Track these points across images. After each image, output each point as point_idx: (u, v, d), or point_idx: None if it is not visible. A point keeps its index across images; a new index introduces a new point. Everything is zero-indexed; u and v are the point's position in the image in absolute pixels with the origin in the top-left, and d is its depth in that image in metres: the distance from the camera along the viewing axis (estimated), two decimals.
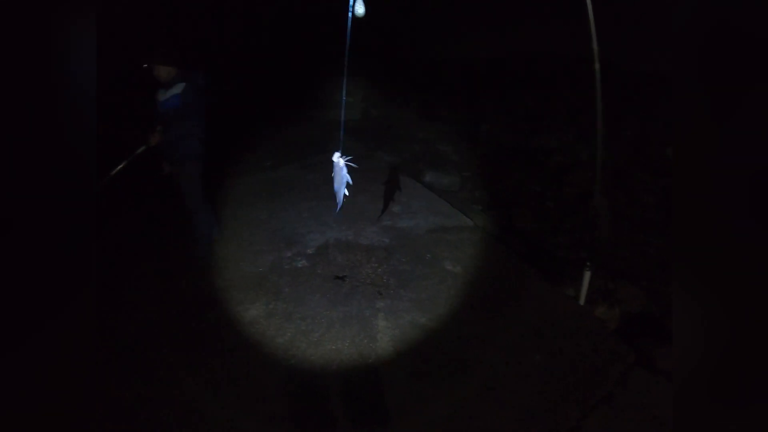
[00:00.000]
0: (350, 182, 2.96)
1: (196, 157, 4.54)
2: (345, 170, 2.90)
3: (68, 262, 1.47)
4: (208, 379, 3.51)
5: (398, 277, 4.49)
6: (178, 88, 4.29)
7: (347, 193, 3.01)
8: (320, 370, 3.53)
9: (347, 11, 2.55)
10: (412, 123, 9.40)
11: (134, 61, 4.36)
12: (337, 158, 2.88)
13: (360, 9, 2.59)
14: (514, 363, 3.51)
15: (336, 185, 2.98)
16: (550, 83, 10.79)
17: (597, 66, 3.46)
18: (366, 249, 4.95)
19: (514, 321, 3.91)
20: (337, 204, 3.07)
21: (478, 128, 9.13)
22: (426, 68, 12.96)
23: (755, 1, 1.40)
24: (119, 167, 4.47)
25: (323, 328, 3.91)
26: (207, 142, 4.58)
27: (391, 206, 5.78)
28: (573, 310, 4.01)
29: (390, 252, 4.87)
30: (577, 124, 8.43)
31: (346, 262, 4.77)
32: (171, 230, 5.31)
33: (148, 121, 4.51)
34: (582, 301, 4.04)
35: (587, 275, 3.97)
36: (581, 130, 8.18)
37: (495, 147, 8.24)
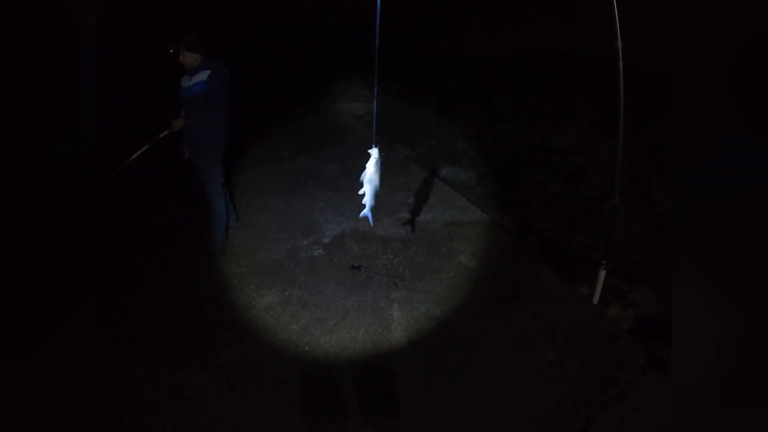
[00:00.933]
0: (378, 187, 2.95)
1: (216, 144, 4.59)
2: (378, 167, 2.89)
3: (70, 254, 1.48)
4: (222, 363, 3.57)
5: (414, 269, 4.52)
6: (202, 76, 4.33)
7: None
8: (334, 358, 3.58)
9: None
10: (429, 118, 9.39)
11: (162, 47, 4.43)
12: (374, 152, 2.87)
13: None
14: (526, 359, 3.53)
15: (366, 188, 2.97)
16: (570, 82, 10.72)
17: (620, 64, 3.43)
18: (382, 240, 4.98)
19: (528, 318, 3.92)
20: (365, 205, 3.07)
21: (496, 125, 9.10)
22: (444, 65, 12.92)
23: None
24: (141, 150, 4.54)
25: (338, 317, 3.96)
26: (228, 129, 4.63)
27: (408, 198, 5.81)
28: (586, 310, 4.01)
29: (406, 244, 4.90)
30: (596, 125, 8.37)
31: (362, 252, 4.81)
32: (189, 215, 5.37)
33: (172, 106, 4.57)
34: (596, 301, 4.04)
35: (602, 275, 3.97)
36: (600, 131, 8.13)
37: (512, 144, 8.21)
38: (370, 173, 3.00)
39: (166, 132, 4.49)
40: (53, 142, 1.43)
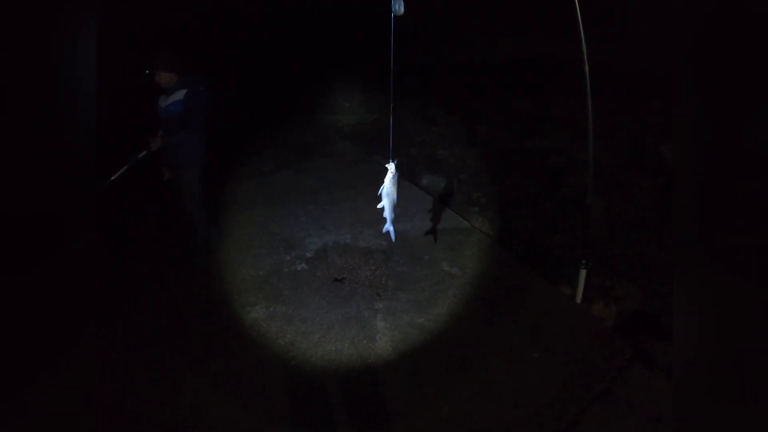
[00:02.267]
0: (395, 200, 2.96)
1: (195, 162, 4.58)
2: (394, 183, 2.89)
3: (71, 264, 1.48)
4: (210, 381, 3.55)
5: (396, 279, 4.53)
6: (179, 95, 4.33)
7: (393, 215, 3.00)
8: (320, 371, 3.58)
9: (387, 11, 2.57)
10: (408, 126, 9.43)
11: (136, 67, 4.42)
12: (391, 167, 2.88)
13: (400, 8, 2.60)
14: (513, 361, 3.55)
15: (384, 202, 2.97)
16: (547, 85, 10.83)
17: (586, 68, 3.50)
18: (364, 252, 4.99)
19: (512, 320, 3.95)
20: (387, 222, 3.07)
21: (475, 131, 9.16)
22: (421, 72, 13.01)
23: None
24: (120, 171, 4.52)
25: (323, 330, 3.95)
26: (207, 147, 4.62)
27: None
28: (570, 309, 4.05)
29: (388, 254, 4.91)
30: (573, 126, 8.45)
31: (344, 264, 4.81)
32: (171, 234, 5.33)
33: (150, 126, 4.56)
34: (578, 299, 4.07)
35: (582, 274, 4.01)
36: (578, 131, 8.20)
37: (491, 149, 8.26)
38: (388, 187, 2.99)
39: (144, 152, 4.48)
40: (49, 153, 1.44)
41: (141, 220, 5.98)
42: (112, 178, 4.50)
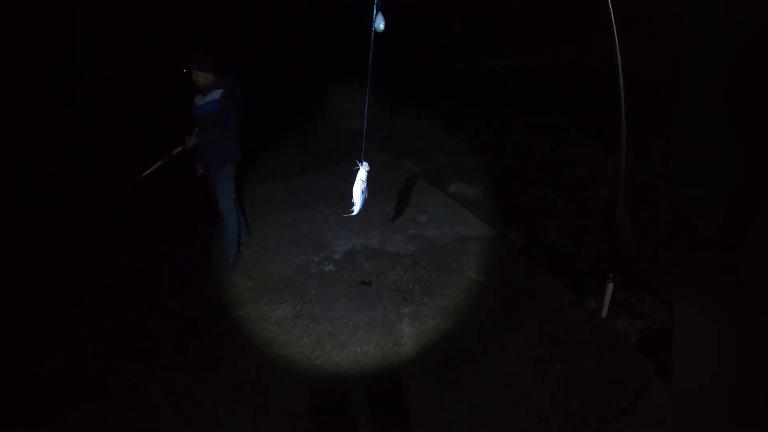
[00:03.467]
0: (366, 196, 3.10)
1: (227, 161, 4.71)
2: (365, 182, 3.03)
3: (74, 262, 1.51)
4: (234, 376, 3.61)
5: (423, 285, 4.58)
6: (215, 94, 4.46)
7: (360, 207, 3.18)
8: (345, 372, 3.63)
9: (368, 25, 2.68)
10: (436, 134, 9.48)
11: (176, 66, 4.56)
12: (362, 168, 3.02)
13: (380, 25, 2.71)
14: (536, 372, 3.57)
15: (358, 197, 3.17)
16: (576, 96, 10.78)
17: (621, 81, 3.52)
18: (392, 256, 5.05)
19: (537, 331, 3.96)
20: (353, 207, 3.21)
21: (503, 140, 9.17)
22: (450, 80, 13.03)
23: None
24: (155, 166, 4.66)
25: (349, 331, 4.02)
26: (238, 147, 4.75)
27: (416, 215, 5.88)
28: (595, 323, 4.04)
29: (415, 260, 4.97)
30: (602, 137, 8.42)
31: (372, 268, 4.87)
32: (202, 230, 5.45)
33: (186, 123, 4.69)
34: (604, 314, 4.08)
35: (609, 288, 4.01)
36: (606, 143, 8.17)
37: (519, 159, 8.28)
38: (363, 185, 3.16)
39: (179, 148, 4.60)
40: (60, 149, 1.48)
41: (173, 214, 6.11)
42: (146, 172, 4.63)
